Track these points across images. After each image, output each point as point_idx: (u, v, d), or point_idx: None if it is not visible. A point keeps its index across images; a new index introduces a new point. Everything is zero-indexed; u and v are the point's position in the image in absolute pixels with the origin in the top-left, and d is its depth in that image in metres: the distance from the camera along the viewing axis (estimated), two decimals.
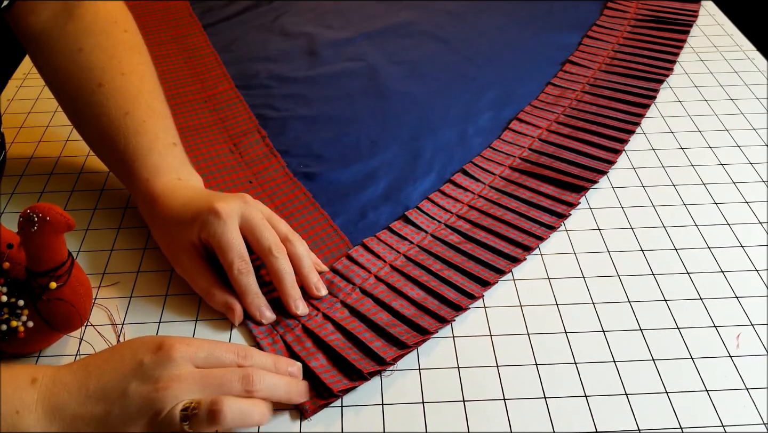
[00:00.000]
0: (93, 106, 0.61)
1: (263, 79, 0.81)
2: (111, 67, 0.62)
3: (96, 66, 0.62)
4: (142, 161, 0.59)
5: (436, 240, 0.60)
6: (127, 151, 0.59)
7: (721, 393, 0.49)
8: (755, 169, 0.68)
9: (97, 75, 0.61)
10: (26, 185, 0.68)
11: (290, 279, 0.54)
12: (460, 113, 0.76)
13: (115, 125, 0.60)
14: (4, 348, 0.50)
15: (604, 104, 0.75)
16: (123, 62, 0.63)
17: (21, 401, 0.42)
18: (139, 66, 0.64)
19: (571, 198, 0.64)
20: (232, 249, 0.53)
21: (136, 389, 0.43)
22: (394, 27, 0.91)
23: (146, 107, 0.61)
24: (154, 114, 0.61)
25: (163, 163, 0.59)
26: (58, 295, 0.48)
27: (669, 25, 0.88)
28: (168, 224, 0.56)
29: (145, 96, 0.62)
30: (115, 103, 0.60)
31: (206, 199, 0.55)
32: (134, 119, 0.60)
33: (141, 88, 0.62)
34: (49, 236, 0.47)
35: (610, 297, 0.56)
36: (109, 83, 0.61)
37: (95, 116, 0.61)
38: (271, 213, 0.57)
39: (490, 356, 0.52)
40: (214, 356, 0.45)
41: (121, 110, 0.60)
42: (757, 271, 0.58)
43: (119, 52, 0.63)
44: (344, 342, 0.52)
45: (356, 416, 0.48)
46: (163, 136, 0.61)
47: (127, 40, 0.65)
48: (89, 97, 0.61)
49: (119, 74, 0.62)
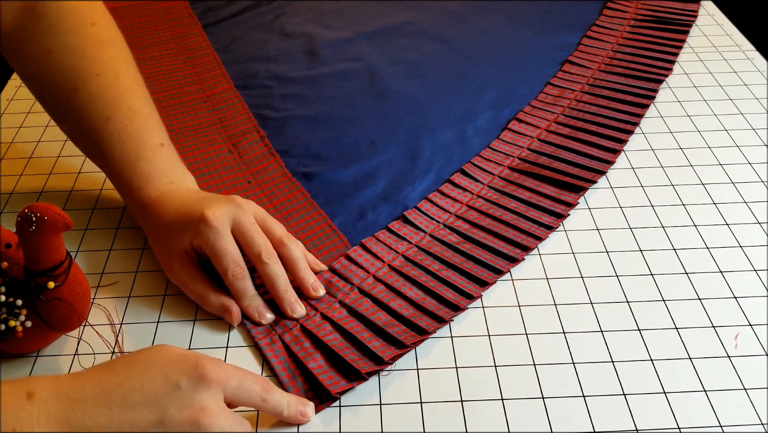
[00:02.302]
0: (73, 112, 0.59)
1: (262, 79, 0.81)
2: (84, 69, 0.59)
3: (68, 69, 0.59)
4: (131, 169, 0.58)
5: (434, 240, 0.60)
6: (113, 158, 0.58)
7: (719, 393, 0.49)
8: (754, 169, 0.68)
9: (72, 79, 0.59)
10: (25, 185, 0.68)
11: (283, 284, 0.54)
12: (459, 113, 0.76)
13: (98, 132, 0.58)
14: (2, 348, 0.50)
15: (604, 104, 0.75)
16: (95, 62, 0.60)
17: (17, 419, 0.38)
18: (113, 62, 0.61)
19: (570, 198, 0.64)
20: (225, 256, 0.53)
21: (177, 415, 0.40)
22: (393, 27, 0.91)
23: (127, 109, 0.59)
24: (136, 116, 0.59)
25: (152, 169, 0.58)
26: (56, 295, 0.48)
27: (668, 25, 0.88)
28: (161, 232, 0.56)
29: (125, 96, 0.60)
30: (94, 108, 0.58)
31: (197, 205, 0.54)
32: (116, 125, 0.58)
33: (118, 88, 0.60)
34: (47, 235, 0.47)
35: (608, 297, 0.56)
36: (84, 88, 0.59)
37: (76, 122, 0.60)
38: (265, 216, 0.56)
39: (488, 356, 0.52)
40: (243, 386, 0.44)
41: (102, 115, 0.58)
42: (755, 271, 0.58)
43: (90, 51, 0.60)
44: (342, 342, 0.52)
45: (354, 416, 0.48)
46: (149, 139, 0.59)
47: (97, 35, 0.61)
48: (67, 102, 0.59)
49: (93, 76, 0.59)
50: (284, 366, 0.51)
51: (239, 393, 0.44)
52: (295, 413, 0.47)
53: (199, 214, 0.53)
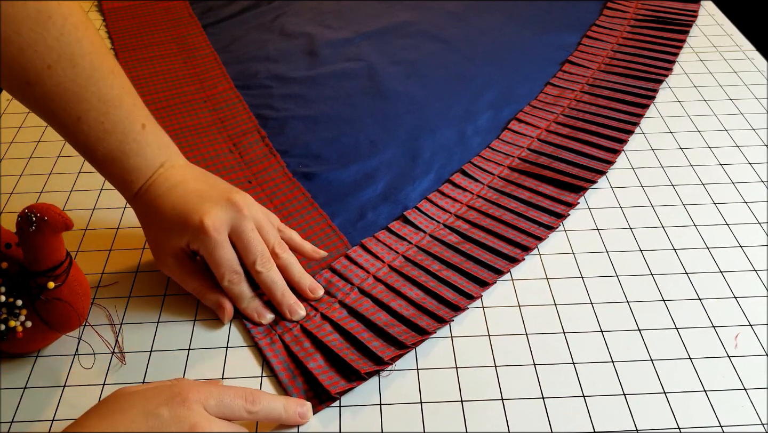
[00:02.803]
0: (39, 110, 0.52)
1: (263, 79, 0.81)
2: (30, 61, 0.49)
3: (14, 63, 0.49)
4: (119, 165, 0.54)
5: (434, 240, 0.60)
6: (98, 156, 0.54)
7: (719, 393, 0.49)
8: (754, 169, 0.68)
9: (20, 74, 0.49)
10: (25, 185, 0.68)
11: (280, 289, 0.54)
12: (459, 113, 0.76)
13: (71, 130, 0.53)
14: (2, 348, 0.50)
15: (604, 104, 0.75)
16: (39, 50, 0.49)
17: None
18: (58, 43, 0.50)
19: (570, 198, 0.64)
20: (222, 264, 0.53)
21: None
22: (393, 27, 0.91)
23: (97, 101, 0.52)
24: (107, 105, 0.53)
25: (141, 162, 0.55)
26: (56, 295, 0.48)
27: (668, 25, 0.88)
28: (157, 227, 0.55)
29: (89, 86, 0.52)
30: (57, 107, 0.51)
31: (196, 207, 0.53)
32: (90, 124, 0.52)
33: (77, 80, 0.51)
34: (47, 235, 0.47)
35: (608, 297, 0.56)
36: (38, 83, 0.50)
37: (46, 118, 0.53)
38: (262, 219, 0.55)
39: (488, 356, 0.52)
40: (223, 403, 0.44)
41: (70, 116, 0.52)
42: (756, 271, 0.58)
43: (30, 37, 0.48)
44: (342, 342, 0.52)
45: (354, 416, 0.48)
46: (129, 127, 0.54)
47: (28, 9, 0.48)
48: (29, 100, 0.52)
49: (45, 68, 0.49)
50: (284, 366, 0.51)
51: (222, 410, 0.44)
52: (293, 415, 0.47)
53: (198, 221, 0.52)
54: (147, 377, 0.51)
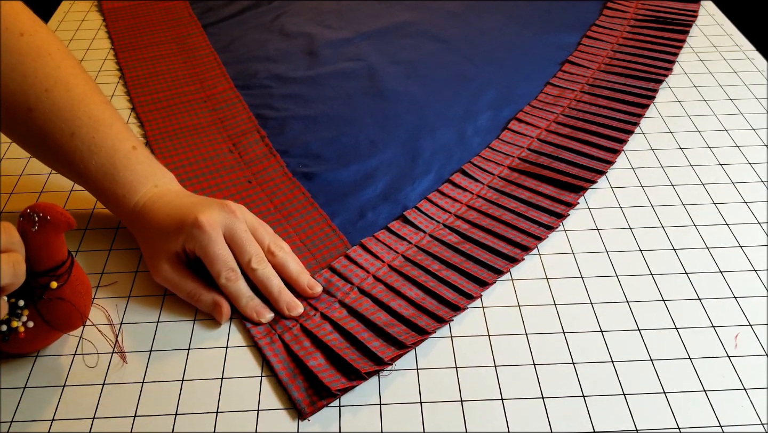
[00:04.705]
0: (33, 132, 0.58)
1: (262, 79, 0.81)
2: (30, 87, 0.57)
3: (14, 91, 0.57)
4: (111, 180, 0.58)
5: (434, 240, 0.61)
6: (90, 171, 0.58)
7: (719, 393, 0.49)
8: (754, 169, 0.68)
9: (22, 100, 0.57)
10: (25, 185, 0.68)
11: (276, 285, 0.55)
12: (459, 113, 0.76)
13: (66, 149, 0.57)
14: (4, 348, 0.50)
15: (603, 104, 0.75)
16: (39, 77, 0.57)
17: None
18: (58, 72, 0.58)
19: (570, 198, 0.64)
20: (218, 260, 0.54)
21: None
22: (393, 27, 0.91)
23: (88, 119, 0.58)
24: (99, 124, 0.58)
25: (132, 177, 0.58)
26: (58, 294, 0.48)
27: (668, 25, 0.88)
28: (152, 235, 0.56)
29: (81, 107, 0.58)
30: (53, 126, 0.57)
31: (191, 209, 0.55)
32: (82, 139, 0.57)
33: (72, 100, 0.58)
34: (49, 235, 0.47)
35: (608, 297, 0.56)
36: (37, 107, 0.57)
37: (40, 141, 0.58)
38: (255, 225, 0.57)
39: (488, 356, 0.52)
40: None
41: (65, 133, 0.57)
42: (755, 271, 0.58)
43: (30, 67, 0.57)
44: (342, 342, 0.52)
45: (354, 416, 0.48)
46: (120, 146, 0.58)
47: (30, 45, 0.58)
48: (25, 123, 0.58)
49: (43, 92, 0.57)
50: (284, 365, 0.51)
51: None
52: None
53: (193, 219, 0.53)
54: (147, 376, 0.51)
